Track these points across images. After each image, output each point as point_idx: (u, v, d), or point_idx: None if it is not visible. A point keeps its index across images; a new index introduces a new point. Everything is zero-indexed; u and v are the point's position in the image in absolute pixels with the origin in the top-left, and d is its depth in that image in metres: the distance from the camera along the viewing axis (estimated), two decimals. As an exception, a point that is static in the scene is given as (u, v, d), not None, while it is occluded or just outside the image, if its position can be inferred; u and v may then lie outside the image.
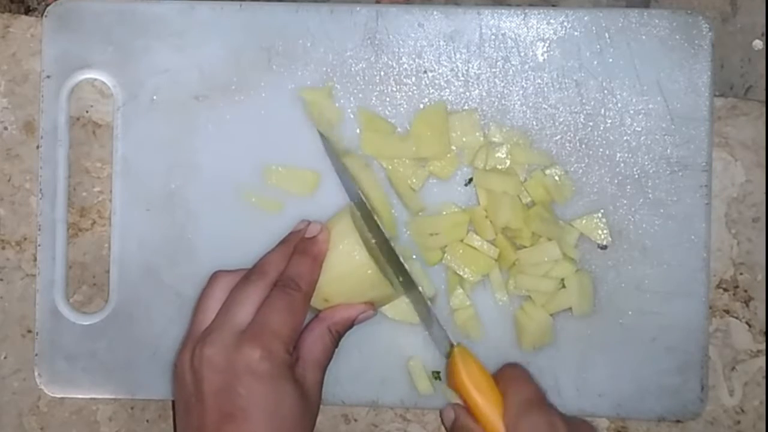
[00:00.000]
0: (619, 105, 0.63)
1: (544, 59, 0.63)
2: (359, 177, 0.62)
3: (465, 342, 0.62)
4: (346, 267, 0.58)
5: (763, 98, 0.65)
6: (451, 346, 0.59)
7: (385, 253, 0.61)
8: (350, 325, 0.60)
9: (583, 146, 0.63)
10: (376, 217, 0.60)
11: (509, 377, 0.57)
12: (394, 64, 0.64)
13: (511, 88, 0.63)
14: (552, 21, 0.63)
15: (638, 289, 0.62)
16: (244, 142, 0.64)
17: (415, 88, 0.63)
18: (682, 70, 0.62)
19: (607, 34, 0.63)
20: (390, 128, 0.63)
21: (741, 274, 0.64)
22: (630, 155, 0.63)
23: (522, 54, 0.63)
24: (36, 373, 0.64)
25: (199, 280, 0.63)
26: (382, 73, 0.64)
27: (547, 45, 0.63)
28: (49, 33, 0.65)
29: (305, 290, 0.57)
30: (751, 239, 0.64)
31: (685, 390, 0.62)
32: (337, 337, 0.59)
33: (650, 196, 0.62)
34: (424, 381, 0.62)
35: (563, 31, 0.63)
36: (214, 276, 0.59)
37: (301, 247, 0.59)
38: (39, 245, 0.64)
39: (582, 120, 0.63)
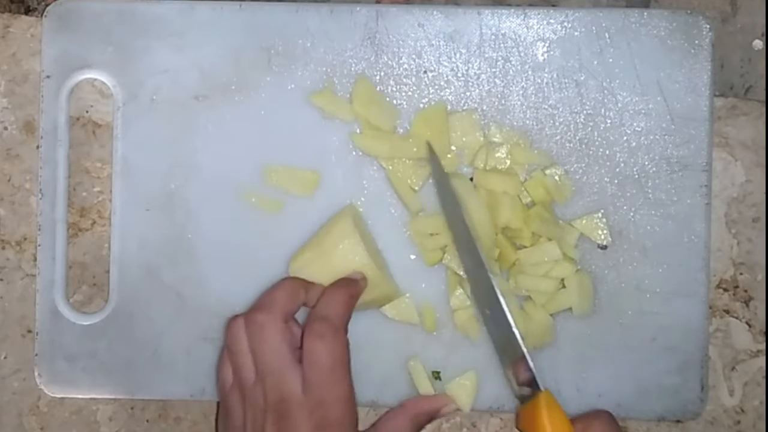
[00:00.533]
0: (619, 105, 0.63)
1: (544, 59, 0.63)
2: (465, 201, 0.60)
3: (465, 342, 0.62)
4: (347, 267, 0.58)
5: (763, 98, 0.65)
6: (539, 390, 0.56)
7: (480, 284, 0.59)
8: (433, 417, 0.60)
9: (583, 146, 0.63)
10: (479, 248, 0.58)
11: None
12: (394, 64, 0.63)
13: (511, 88, 0.63)
14: (552, 21, 0.63)
15: (638, 289, 0.62)
16: (244, 142, 0.64)
17: (415, 88, 0.63)
18: (682, 70, 0.62)
19: (607, 34, 0.63)
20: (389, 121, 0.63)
21: (741, 274, 0.64)
22: (630, 155, 0.63)
23: (522, 54, 0.63)
24: (36, 373, 0.64)
25: (198, 280, 0.63)
26: (382, 73, 0.64)
27: (547, 45, 0.63)
28: (49, 33, 0.65)
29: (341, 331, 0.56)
30: (751, 239, 0.64)
31: (685, 390, 0.62)
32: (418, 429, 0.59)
33: (650, 196, 0.62)
34: (424, 381, 0.62)
35: (563, 31, 0.63)
36: (228, 325, 0.57)
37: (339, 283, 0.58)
38: (39, 245, 0.64)
39: (582, 120, 0.63)
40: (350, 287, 0.58)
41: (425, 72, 0.63)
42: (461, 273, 0.61)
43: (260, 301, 0.57)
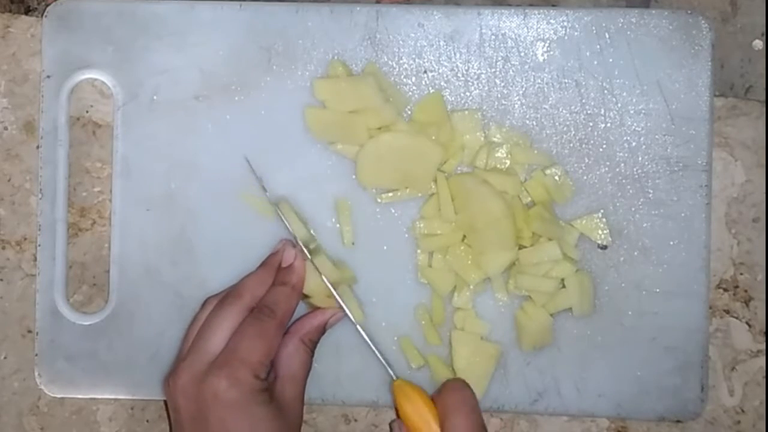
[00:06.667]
0: (619, 105, 0.63)
1: (544, 59, 0.63)
2: (475, 195, 0.61)
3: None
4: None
5: (763, 98, 0.65)
6: (392, 379, 0.59)
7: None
8: (322, 332, 0.60)
9: (583, 146, 0.63)
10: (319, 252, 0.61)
11: (449, 406, 0.57)
12: (394, 64, 0.63)
13: (511, 88, 0.63)
14: (552, 21, 0.63)
15: (638, 289, 0.62)
16: (244, 142, 0.64)
17: (415, 88, 0.63)
18: (682, 70, 0.62)
19: (607, 34, 0.63)
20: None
21: (741, 274, 0.64)
22: (630, 155, 0.63)
23: (522, 54, 0.63)
24: (36, 373, 0.64)
25: (199, 280, 0.63)
26: (382, 73, 0.63)
27: (547, 45, 0.63)
28: (49, 33, 0.65)
29: (280, 318, 0.57)
30: (751, 239, 0.64)
31: (685, 390, 0.62)
32: (311, 346, 0.60)
33: (650, 196, 0.62)
34: (416, 356, 0.62)
35: (563, 31, 0.63)
36: (205, 302, 0.60)
37: (279, 279, 0.59)
38: (39, 245, 0.64)
39: (582, 120, 0.63)
40: (290, 279, 0.60)
41: (425, 72, 0.63)
42: (462, 274, 0.62)
43: (234, 289, 0.59)
